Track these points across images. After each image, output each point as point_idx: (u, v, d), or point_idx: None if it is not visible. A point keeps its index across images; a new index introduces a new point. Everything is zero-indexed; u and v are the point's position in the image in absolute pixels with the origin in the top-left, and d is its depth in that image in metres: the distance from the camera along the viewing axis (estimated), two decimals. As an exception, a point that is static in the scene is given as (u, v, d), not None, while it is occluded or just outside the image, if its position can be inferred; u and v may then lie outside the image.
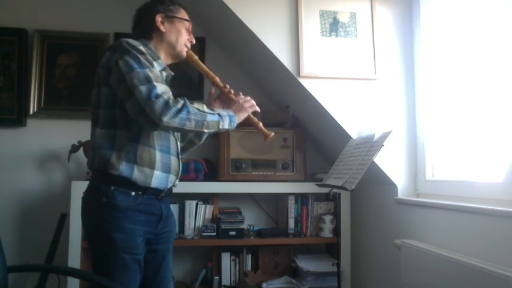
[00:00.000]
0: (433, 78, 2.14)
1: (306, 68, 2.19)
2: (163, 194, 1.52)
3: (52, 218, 2.57)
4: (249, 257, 2.69)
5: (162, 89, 1.34)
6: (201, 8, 2.65)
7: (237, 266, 2.66)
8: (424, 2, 2.21)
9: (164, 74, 1.55)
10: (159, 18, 1.54)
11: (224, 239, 2.49)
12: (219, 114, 1.44)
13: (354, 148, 1.99)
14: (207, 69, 1.66)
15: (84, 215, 1.47)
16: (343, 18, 2.26)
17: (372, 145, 1.82)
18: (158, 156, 1.46)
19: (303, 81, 2.20)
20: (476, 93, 1.82)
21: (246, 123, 1.65)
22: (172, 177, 1.53)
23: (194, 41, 1.64)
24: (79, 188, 2.34)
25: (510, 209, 1.49)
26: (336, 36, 2.25)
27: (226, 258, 2.64)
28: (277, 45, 2.20)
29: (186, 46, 1.60)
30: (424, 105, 2.19)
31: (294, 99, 2.61)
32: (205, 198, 2.64)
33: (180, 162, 1.59)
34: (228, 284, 2.63)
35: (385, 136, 1.78)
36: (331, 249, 2.76)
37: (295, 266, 2.64)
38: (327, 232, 2.61)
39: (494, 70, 1.71)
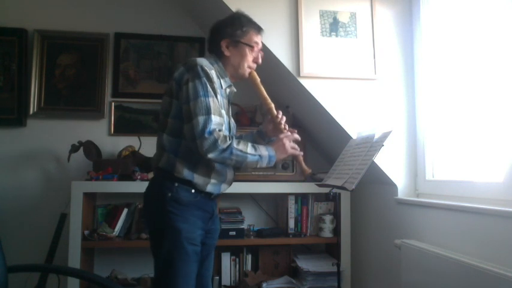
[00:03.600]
0: (433, 78, 2.14)
1: (306, 68, 2.19)
2: (215, 195, 1.65)
3: (52, 218, 2.57)
4: (249, 257, 2.69)
5: (217, 121, 1.47)
6: (200, 8, 2.66)
7: (237, 266, 2.66)
8: (424, 2, 2.21)
9: (228, 90, 1.67)
10: (224, 44, 1.62)
11: (224, 239, 2.49)
12: (259, 155, 1.54)
13: (354, 148, 1.98)
14: (266, 95, 1.72)
15: (148, 209, 1.60)
16: (343, 18, 2.26)
17: (372, 145, 1.81)
18: (216, 167, 1.57)
19: (303, 81, 2.20)
20: (476, 93, 1.82)
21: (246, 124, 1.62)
22: (225, 186, 1.66)
23: (260, 62, 1.69)
24: (79, 188, 2.36)
25: (510, 209, 1.49)
26: (336, 36, 2.25)
27: (226, 258, 2.64)
28: (277, 45, 2.20)
29: (250, 68, 1.68)
30: (424, 105, 2.19)
31: (294, 99, 2.60)
32: (205, 198, 2.63)
33: (234, 173, 1.71)
34: (228, 284, 2.63)
35: (385, 136, 1.78)
36: (331, 249, 2.76)
37: (295, 266, 2.64)
38: (327, 232, 2.61)
39: (494, 70, 1.70)
